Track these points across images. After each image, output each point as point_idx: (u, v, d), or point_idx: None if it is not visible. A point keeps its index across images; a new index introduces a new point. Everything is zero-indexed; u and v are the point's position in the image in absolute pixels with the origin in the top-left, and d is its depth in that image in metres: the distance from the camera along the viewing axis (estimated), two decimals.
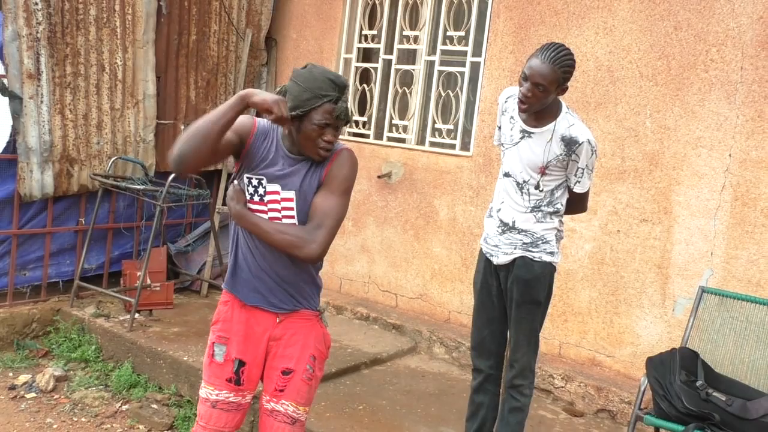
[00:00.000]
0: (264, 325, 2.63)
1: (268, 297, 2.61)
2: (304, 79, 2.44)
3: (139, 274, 5.15)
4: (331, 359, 4.60)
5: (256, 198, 2.54)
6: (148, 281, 5.22)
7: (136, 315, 4.99)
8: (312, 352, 2.67)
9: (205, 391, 2.67)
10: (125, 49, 5.40)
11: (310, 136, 2.45)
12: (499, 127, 3.34)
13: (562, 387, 4.54)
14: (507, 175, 3.24)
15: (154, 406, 4.25)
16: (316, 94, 2.41)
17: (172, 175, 5.09)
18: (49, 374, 4.46)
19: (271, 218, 2.53)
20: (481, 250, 3.39)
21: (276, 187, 2.53)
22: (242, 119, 2.53)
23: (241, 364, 2.63)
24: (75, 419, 4.14)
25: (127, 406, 4.29)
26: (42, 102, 4.95)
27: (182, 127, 5.91)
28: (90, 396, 4.36)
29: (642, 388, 3.55)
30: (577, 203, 3.32)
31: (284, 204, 2.53)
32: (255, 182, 2.54)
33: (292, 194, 2.52)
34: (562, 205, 3.23)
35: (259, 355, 2.66)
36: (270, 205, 2.53)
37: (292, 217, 2.53)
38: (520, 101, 3.04)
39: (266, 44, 6.44)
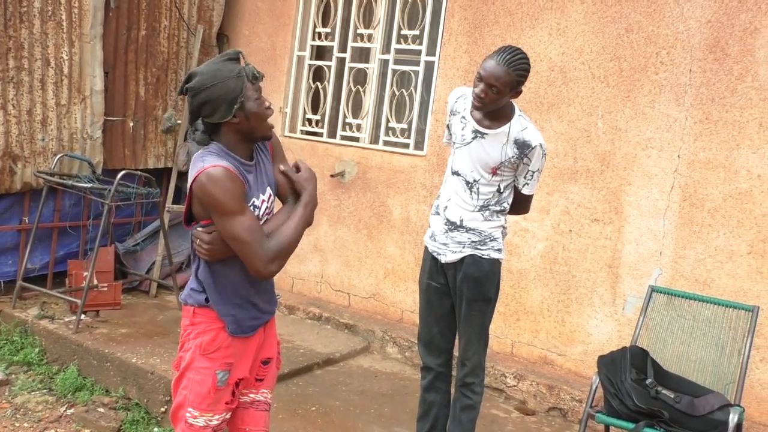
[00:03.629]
0: (258, 335, 2.61)
1: (267, 314, 2.62)
2: (212, 77, 2.30)
3: (85, 274, 5.01)
4: (284, 360, 4.55)
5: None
6: (95, 281, 5.08)
7: (83, 316, 4.85)
8: (278, 338, 2.76)
9: (203, 419, 2.50)
10: (72, 43, 5.25)
11: (261, 113, 2.38)
12: (449, 127, 3.34)
13: (515, 386, 4.57)
14: (456, 173, 3.24)
15: (101, 409, 4.14)
16: (235, 76, 2.31)
17: (121, 173, 4.98)
18: None
19: (267, 220, 2.50)
20: (426, 248, 3.38)
21: (259, 199, 2.47)
22: (233, 183, 2.32)
23: (239, 380, 2.57)
24: (17, 424, 4.00)
25: (72, 411, 4.17)
26: None
27: (131, 124, 5.78)
28: (33, 400, 4.23)
29: (593, 387, 3.59)
30: (521, 204, 3.35)
31: (268, 202, 2.52)
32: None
33: (269, 191, 2.53)
34: (508, 204, 3.27)
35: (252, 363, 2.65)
36: (265, 216, 2.49)
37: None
38: (475, 100, 3.05)
39: (218, 40, 6.34)
